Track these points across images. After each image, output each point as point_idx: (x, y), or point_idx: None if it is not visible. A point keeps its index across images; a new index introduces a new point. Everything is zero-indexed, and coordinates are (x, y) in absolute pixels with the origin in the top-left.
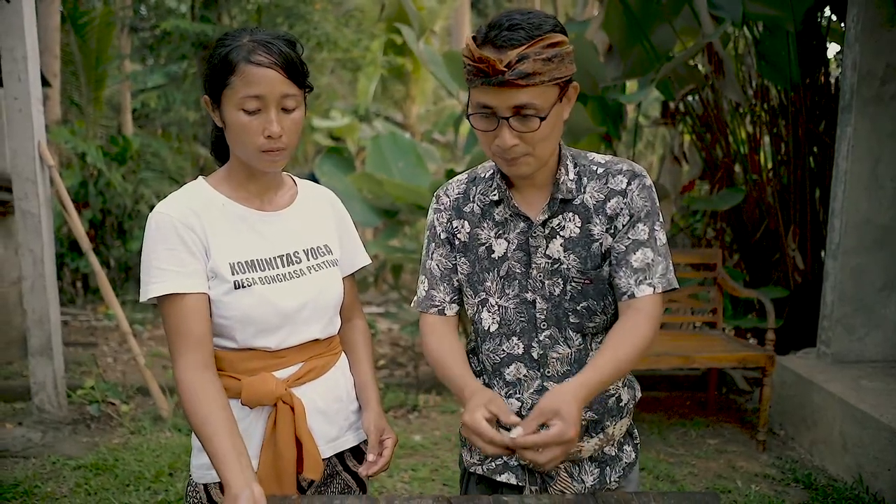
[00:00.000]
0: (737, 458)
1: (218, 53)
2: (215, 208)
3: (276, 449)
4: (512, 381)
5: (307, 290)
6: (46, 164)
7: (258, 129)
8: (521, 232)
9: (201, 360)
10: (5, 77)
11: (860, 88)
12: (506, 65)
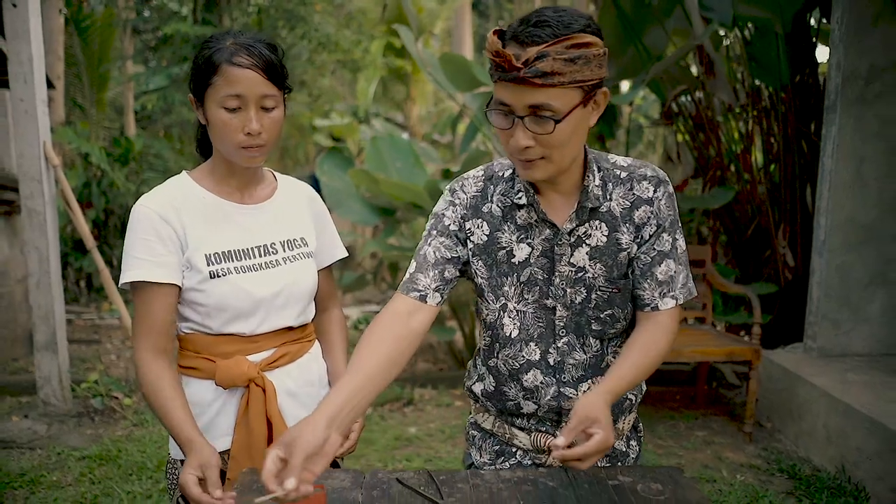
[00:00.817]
0: (723, 449)
1: (202, 55)
2: (196, 202)
3: (249, 427)
4: (530, 388)
5: (281, 279)
6: (51, 164)
7: (239, 126)
8: (545, 238)
9: (159, 345)
10: (12, 79)
11: (844, 89)
12: (523, 62)
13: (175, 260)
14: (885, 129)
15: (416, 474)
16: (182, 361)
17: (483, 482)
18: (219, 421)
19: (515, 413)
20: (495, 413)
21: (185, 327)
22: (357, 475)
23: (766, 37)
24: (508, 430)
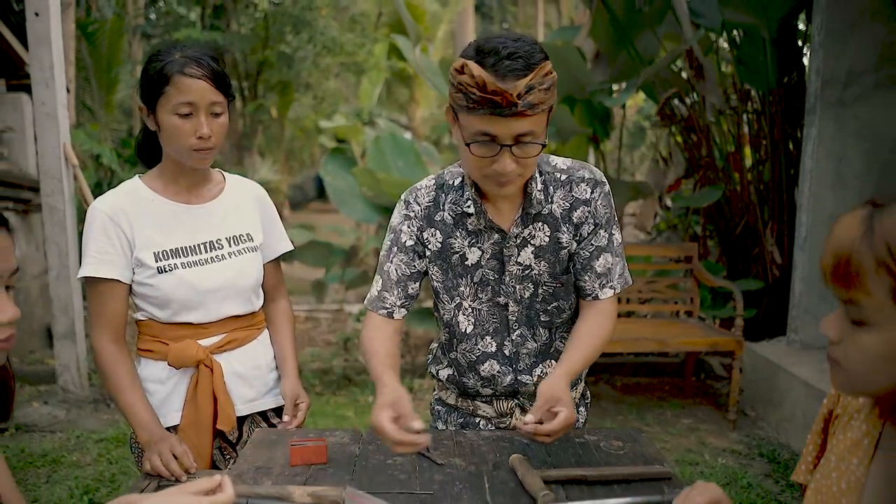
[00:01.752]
0: (707, 436)
1: (153, 66)
2: (145, 204)
3: (197, 404)
4: (487, 377)
5: (226, 272)
6: (71, 163)
7: (191, 131)
8: (494, 242)
9: (113, 334)
10: (34, 84)
11: (824, 92)
12: (517, 95)
13: (122, 259)
14: (863, 131)
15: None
16: (139, 344)
17: (465, 439)
18: (171, 398)
19: (476, 394)
20: (457, 392)
21: (140, 315)
22: (355, 433)
23: (754, 41)
24: (472, 404)
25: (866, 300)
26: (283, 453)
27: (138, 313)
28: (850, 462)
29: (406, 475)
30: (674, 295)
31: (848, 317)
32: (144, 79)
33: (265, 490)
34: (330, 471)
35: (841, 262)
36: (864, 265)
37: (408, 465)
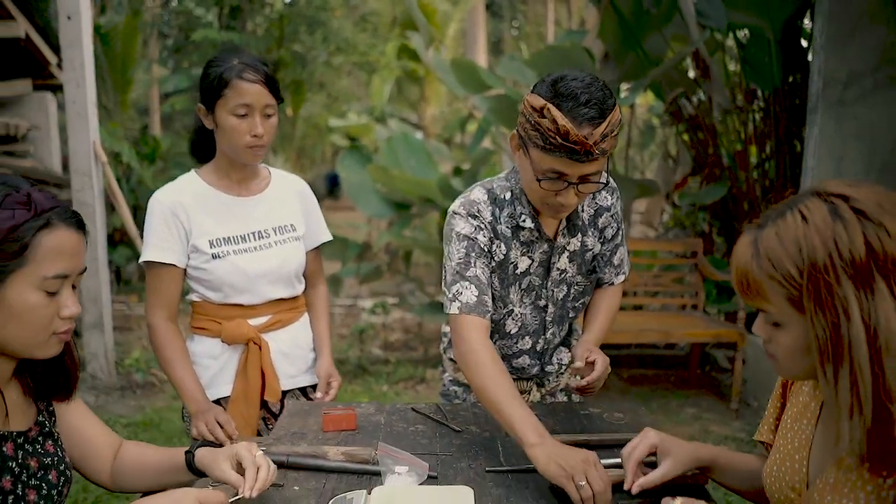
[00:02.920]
0: (710, 424)
1: (213, 71)
2: (200, 196)
3: (246, 377)
4: (517, 368)
5: (272, 259)
6: (100, 160)
7: (246, 130)
8: (543, 251)
9: (167, 313)
10: (66, 84)
11: (825, 92)
12: (593, 142)
13: (180, 246)
14: (863, 131)
15: (426, 405)
16: (193, 323)
17: (480, 410)
18: (223, 372)
19: None
20: None
21: (194, 296)
22: (380, 405)
23: (759, 42)
24: None
25: (770, 307)
26: (315, 421)
27: (193, 295)
28: (801, 423)
29: (428, 440)
30: (679, 289)
31: (768, 321)
32: (204, 82)
33: (303, 450)
34: (359, 436)
35: (742, 280)
36: (759, 280)
37: (429, 431)
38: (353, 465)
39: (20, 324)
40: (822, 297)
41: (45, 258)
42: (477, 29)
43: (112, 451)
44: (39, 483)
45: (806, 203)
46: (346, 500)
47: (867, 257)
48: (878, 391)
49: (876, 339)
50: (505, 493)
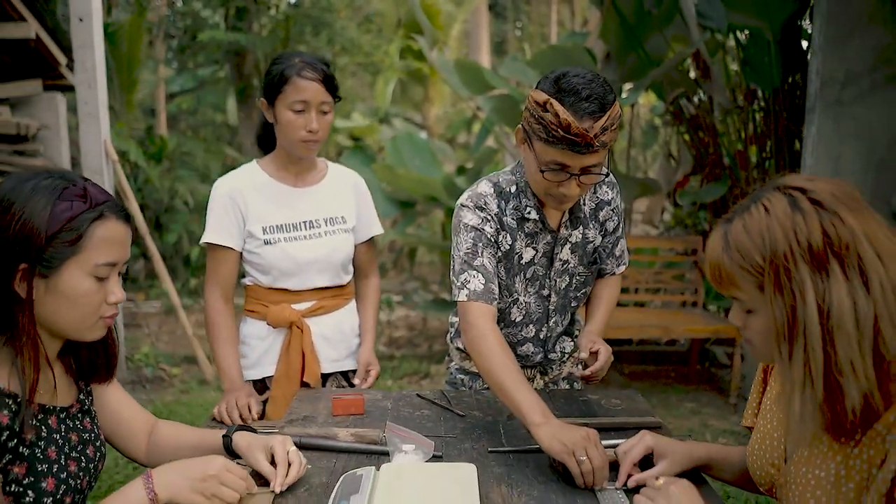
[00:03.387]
0: (709, 418)
1: (275, 69)
2: (258, 185)
3: (289, 358)
4: (522, 356)
5: (320, 248)
6: (111, 159)
7: (302, 125)
8: (547, 242)
9: (222, 293)
10: (77, 84)
11: (823, 92)
12: (593, 135)
13: (237, 230)
14: (860, 130)
15: (431, 392)
16: (246, 306)
17: (483, 397)
18: (269, 353)
19: None
20: None
21: (248, 280)
22: (386, 392)
23: (758, 42)
24: None
25: (742, 294)
26: (325, 406)
27: (247, 278)
28: (779, 404)
29: (432, 423)
30: (680, 286)
31: (741, 308)
32: (267, 78)
33: (314, 431)
34: (367, 420)
35: (715, 272)
36: (731, 270)
37: (433, 416)
38: (362, 446)
39: (72, 307)
40: (781, 281)
41: (98, 247)
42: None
43: (147, 430)
44: (79, 456)
45: (768, 196)
46: (356, 475)
47: (823, 244)
48: (829, 368)
49: (828, 320)
50: (506, 471)
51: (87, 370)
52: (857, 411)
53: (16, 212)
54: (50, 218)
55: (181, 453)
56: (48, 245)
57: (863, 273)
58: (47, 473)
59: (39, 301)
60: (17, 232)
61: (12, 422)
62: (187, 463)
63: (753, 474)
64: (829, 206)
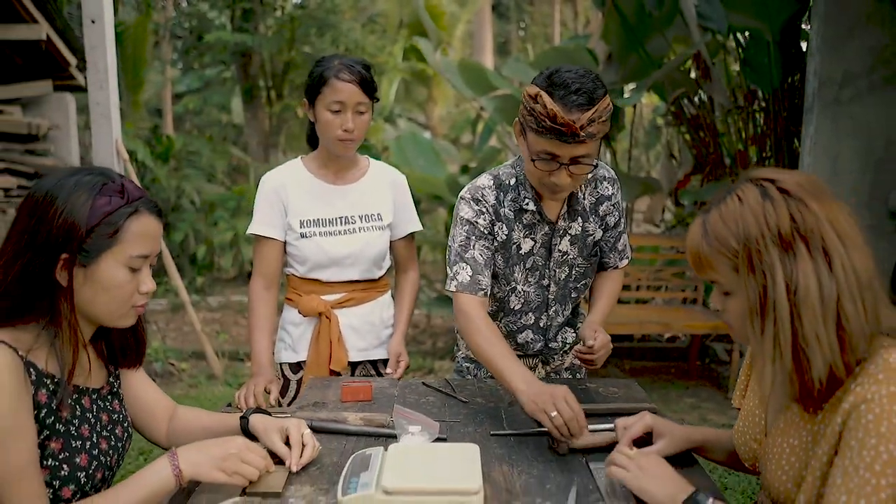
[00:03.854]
0: (708, 413)
1: (316, 70)
2: (300, 180)
3: (318, 346)
4: (522, 343)
5: (354, 244)
6: (122, 158)
7: (339, 124)
8: (545, 234)
9: (265, 280)
10: (90, 86)
11: (821, 93)
12: (579, 126)
13: (279, 222)
14: (858, 129)
15: (436, 380)
16: (287, 294)
17: (485, 385)
18: (302, 339)
19: None
20: None
21: (288, 269)
22: (393, 381)
23: (758, 43)
24: None
25: (720, 277)
26: (334, 393)
27: (288, 268)
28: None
29: (437, 409)
30: (680, 283)
31: (719, 291)
32: (308, 79)
33: (325, 415)
34: (374, 406)
35: (695, 257)
36: (709, 255)
37: (438, 402)
38: (371, 429)
39: (108, 296)
40: (753, 263)
41: (133, 240)
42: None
43: (168, 415)
44: (109, 435)
45: (742, 188)
46: (366, 455)
47: (791, 228)
48: (796, 340)
49: (795, 296)
50: (507, 452)
51: (118, 355)
52: (822, 380)
53: (59, 206)
54: (90, 212)
55: (200, 436)
56: (88, 237)
57: (826, 254)
58: (81, 450)
59: (78, 289)
60: (60, 225)
61: (50, 400)
62: (209, 443)
63: (739, 451)
64: (795, 194)
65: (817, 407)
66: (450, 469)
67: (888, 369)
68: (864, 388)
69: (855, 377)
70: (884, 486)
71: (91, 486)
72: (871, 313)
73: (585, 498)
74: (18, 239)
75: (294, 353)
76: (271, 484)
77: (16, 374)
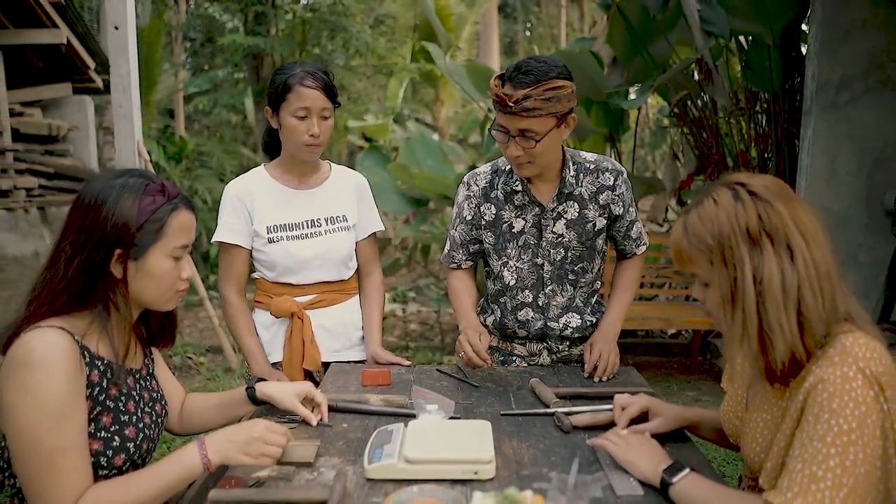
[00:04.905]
0: (708, 405)
1: (279, 78)
2: (264, 187)
3: (291, 346)
4: (522, 321)
5: (321, 245)
6: (143, 158)
7: (305, 130)
8: (535, 214)
9: (236, 288)
10: (113, 89)
11: (818, 96)
12: (514, 101)
13: (245, 229)
14: (854, 131)
15: (449, 367)
16: (255, 297)
17: (495, 372)
18: (274, 340)
19: (513, 336)
20: (499, 336)
21: (257, 274)
22: (409, 368)
23: (760, 47)
24: (510, 345)
25: (699, 270)
26: (356, 378)
27: (256, 273)
28: (745, 369)
29: (451, 392)
30: (682, 280)
31: (700, 283)
32: (271, 88)
33: (348, 397)
34: (392, 389)
35: (678, 253)
36: (689, 251)
37: (452, 386)
38: (391, 409)
39: (156, 284)
40: (725, 257)
41: (175, 233)
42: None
43: (181, 401)
44: (150, 411)
45: (717, 191)
46: (388, 430)
47: (758, 226)
48: (761, 326)
49: (761, 287)
50: (516, 430)
51: (155, 336)
52: (785, 361)
53: (109, 207)
54: (138, 211)
55: (213, 413)
56: (138, 234)
57: (790, 249)
58: (128, 423)
59: (131, 280)
60: (113, 225)
61: (101, 380)
62: (233, 429)
63: (724, 427)
64: (762, 196)
65: (784, 384)
66: (465, 441)
67: (843, 353)
68: (822, 369)
69: (817, 360)
70: (832, 454)
71: (139, 456)
72: (828, 302)
73: (587, 468)
74: (75, 238)
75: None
76: (303, 455)
77: (73, 358)
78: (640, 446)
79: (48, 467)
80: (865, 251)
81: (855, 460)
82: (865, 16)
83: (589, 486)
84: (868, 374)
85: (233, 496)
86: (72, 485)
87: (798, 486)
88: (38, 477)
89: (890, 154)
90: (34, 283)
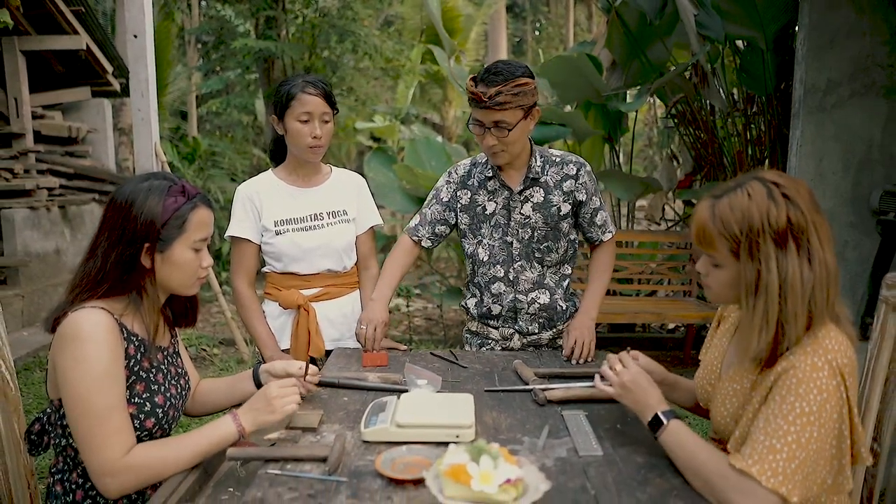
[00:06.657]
0: None
1: (283, 89)
2: (272, 187)
3: (297, 335)
4: (496, 294)
5: (324, 236)
6: (160, 160)
7: (308, 132)
8: (505, 197)
9: (246, 280)
10: (132, 94)
11: (806, 99)
12: (487, 97)
13: (255, 225)
14: (841, 133)
15: (441, 351)
16: (265, 290)
17: (482, 355)
18: (283, 330)
19: (489, 315)
20: (478, 319)
21: (266, 268)
22: (405, 352)
23: (754, 51)
24: (486, 329)
25: (716, 253)
26: (356, 360)
27: (265, 267)
28: (721, 340)
29: (442, 373)
30: (677, 276)
31: (709, 261)
32: (277, 98)
33: (349, 375)
34: (389, 370)
35: (700, 232)
36: (712, 234)
37: (443, 367)
38: (387, 385)
39: (181, 273)
40: (752, 251)
41: (195, 228)
42: (499, 32)
43: (195, 384)
44: (175, 384)
45: (751, 184)
46: (383, 401)
47: (787, 228)
48: (780, 317)
49: (784, 283)
50: (497, 403)
51: (179, 317)
52: (790, 347)
53: (138, 207)
54: (163, 210)
55: (225, 392)
56: (163, 229)
57: (809, 252)
58: (158, 392)
59: (158, 269)
60: (142, 222)
61: (136, 353)
62: (252, 400)
63: (697, 392)
64: (794, 201)
65: (770, 367)
66: (449, 410)
67: (815, 344)
68: (795, 357)
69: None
70: (791, 431)
71: (166, 422)
72: (831, 301)
73: (556, 434)
74: (110, 234)
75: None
76: (309, 421)
77: (114, 332)
78: (636, 388)
79: (99, 424)
80: (851, 248)
81: (809, 438)
82: (852, 22)
83: (556, 447)
84: (834, 365)
85: (248, 453)
86: (120, 440)
87: (758, 454)
88: (90, 434)
89: (875, 155)
90: (74, 274)
